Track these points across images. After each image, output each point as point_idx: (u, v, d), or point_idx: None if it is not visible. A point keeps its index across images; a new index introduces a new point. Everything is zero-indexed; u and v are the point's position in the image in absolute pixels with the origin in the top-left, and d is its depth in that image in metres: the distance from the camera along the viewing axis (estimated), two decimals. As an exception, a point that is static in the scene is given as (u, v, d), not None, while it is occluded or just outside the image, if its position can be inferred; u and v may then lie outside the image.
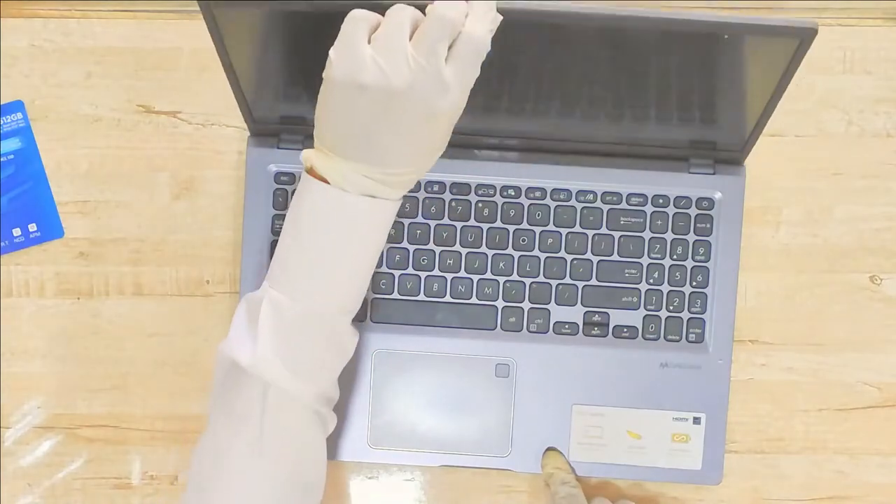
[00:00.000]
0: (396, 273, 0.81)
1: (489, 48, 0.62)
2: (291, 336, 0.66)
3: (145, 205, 0.84)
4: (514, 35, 0.68)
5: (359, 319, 0.81)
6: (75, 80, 0.84)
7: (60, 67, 0.84)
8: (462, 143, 0.81)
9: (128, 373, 0.84)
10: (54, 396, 0.84)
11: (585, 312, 0.81)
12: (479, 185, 0.81)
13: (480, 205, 0.81)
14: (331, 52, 0.62)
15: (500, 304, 0.81)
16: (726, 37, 0.67)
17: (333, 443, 0.81)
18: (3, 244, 0.84)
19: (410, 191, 0.79)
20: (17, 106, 0.84)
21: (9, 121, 0.83)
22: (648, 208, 0.81)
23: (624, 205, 0.81)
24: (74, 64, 0.84)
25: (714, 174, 0.81)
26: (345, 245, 0.66)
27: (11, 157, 0.84)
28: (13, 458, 0.84)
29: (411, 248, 0.81)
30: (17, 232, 0.84)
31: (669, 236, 0.81)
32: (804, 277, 0.83)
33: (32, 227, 0.84)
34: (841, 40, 0.83)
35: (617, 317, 0.81)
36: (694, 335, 0.81)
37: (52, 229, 0.84)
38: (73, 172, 0.84)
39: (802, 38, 0.66)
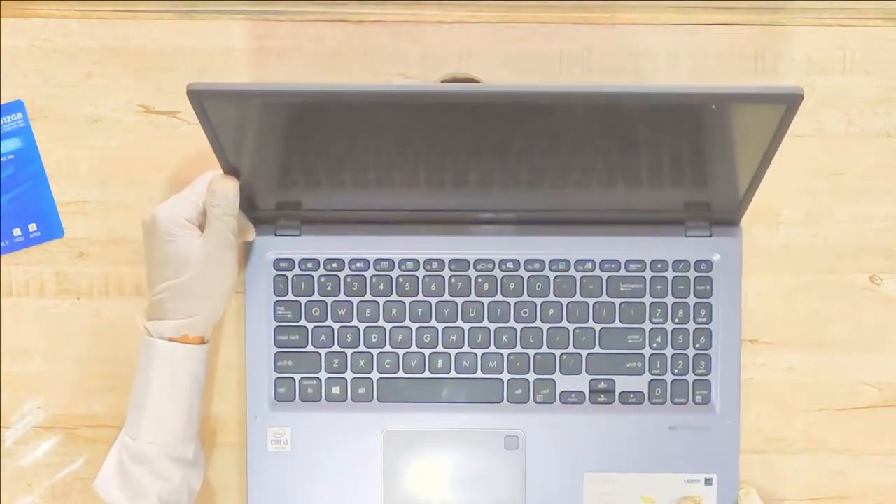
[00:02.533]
0: (400, 352, 0.81)
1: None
2: (125, 467, 0.76)
3: (145, 205, 0.83)
4: (507, 112, 0.68)
5: (365, 400, 0.81)
6: (75, 80, 0.84)
7: (60, 67, 0.84)
8: (458, 220, 0.81)
9: (128, 373, 0.83)
10: (54, 396, 0.84)
11: (591, 380, 0.81)
12: (478, 261, 0.81)
13: (480, 280, 0.81)
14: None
15: (505, 376, 0.81)
16: (714, 107, 0.67)
17: None
18: (3, 244, 0.84)
19: (409, 270, 0.79)
20: (17, 106, 0.84)
21: (9, 121, 0.83)
22: (647, 274, 0.81)
23: (623, 272, 0.81)
24: (74, 64, 0.84)
25: (711, 236, 0.81)
26: (147, 385, 0.75)
27: (11, 157, 0.84)
28: (13, 458, 0.84)
29: (413, 326, 0.81)
30: (17, 232, 0.84)
31: (670, 300, 0.81)
32: (804, 277, 0.83)
33: (32, 227, 0.84)
34: (841, 40, 0.83)
35: (622, 383, 0.81)
36: (700, 397, 0.81)
37: (52, 229, 0.84)
38: (73, 172, 0.84)
39: (789, 104, 0.66)
